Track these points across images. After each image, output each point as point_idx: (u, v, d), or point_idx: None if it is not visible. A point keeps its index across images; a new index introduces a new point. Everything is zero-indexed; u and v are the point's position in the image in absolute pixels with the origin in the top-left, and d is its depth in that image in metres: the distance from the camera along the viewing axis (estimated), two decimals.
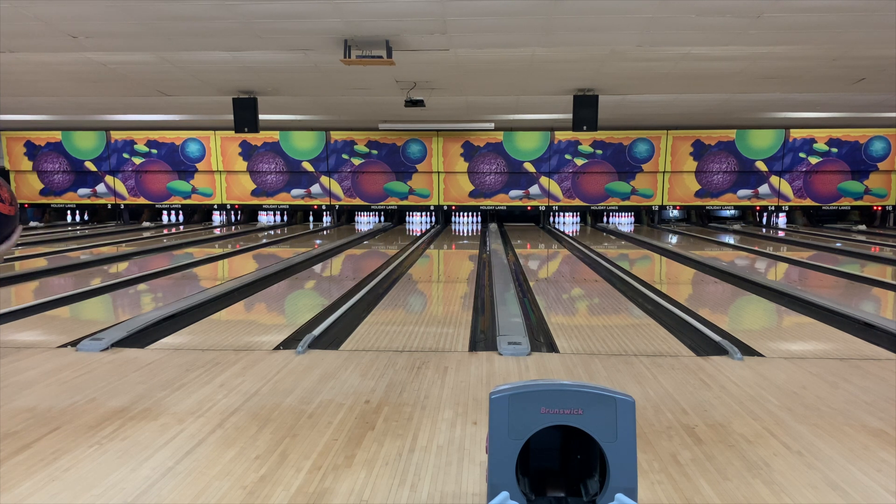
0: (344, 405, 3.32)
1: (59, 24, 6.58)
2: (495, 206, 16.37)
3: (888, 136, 15.41)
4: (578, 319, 5.53)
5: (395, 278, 7.65)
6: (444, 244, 12.31)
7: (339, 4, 5.98)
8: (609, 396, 1.90)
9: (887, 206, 15.94)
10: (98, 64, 8.42)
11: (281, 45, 7.48)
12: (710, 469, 2.60)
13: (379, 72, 8.78)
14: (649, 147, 15.77)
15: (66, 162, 16.47)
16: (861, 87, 10.01)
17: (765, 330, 5.34)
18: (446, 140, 15.97)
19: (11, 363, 4.06)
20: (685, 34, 6.97)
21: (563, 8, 6.08)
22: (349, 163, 16.23)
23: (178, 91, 10.46)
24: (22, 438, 2.88)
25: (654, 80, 9.46)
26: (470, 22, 6.51)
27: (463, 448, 2.80)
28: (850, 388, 3.61)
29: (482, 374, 3.85)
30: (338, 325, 5.17)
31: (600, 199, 16.24)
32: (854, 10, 6.16)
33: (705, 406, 3.31)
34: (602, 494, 1.87)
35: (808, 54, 7.88)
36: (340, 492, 2.41)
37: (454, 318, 5.45)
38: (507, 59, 8.15)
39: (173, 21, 6.49)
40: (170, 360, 4.12)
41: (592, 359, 4.19)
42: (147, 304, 6.32)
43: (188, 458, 2.68)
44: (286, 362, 4.10)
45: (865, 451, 2.76)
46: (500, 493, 1.86)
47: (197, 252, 10.45)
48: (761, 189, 15.97)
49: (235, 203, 16.76)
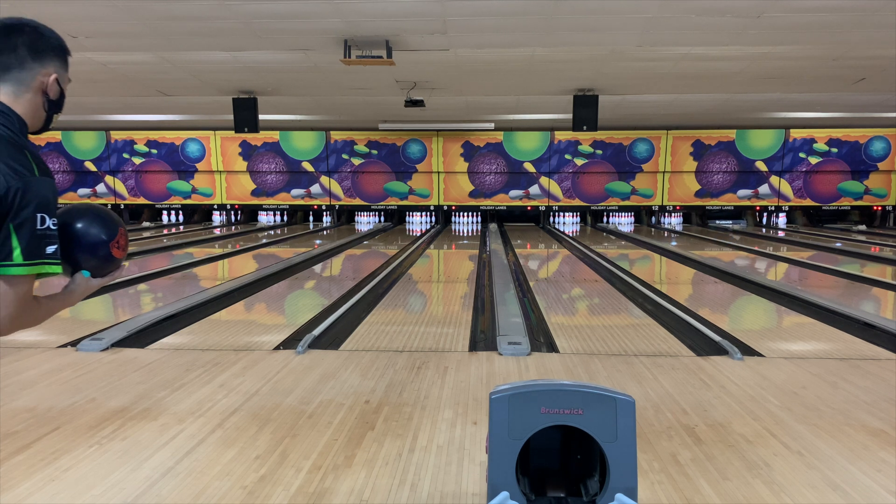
0: (344, 405, 3.32)
1: (59, 24, 6.55)
2: (495, 206, 16.37)
3: (888, 136, 15.40)
4: (578, 319, 5.53)
5: (395, 278, 7.65)
6: (444, 244, 12.31)
7: (339, 4, 5.98)
8: (609, 396, 1.90)
9: (887, 206, 15.93)
10: (98, 64, 8.43)
11: (281, 45, 7.48)
12: (710, 469, 2.60)
13: (379, 72, 8.78)
14: (649, 147, 15.77)
15: (66, 162, 16.47)
16: (861, 87, 10.00)
17: (765, 330, 5.34)
18: (446, 140, 15.97)
19: (11, 363, 4.06)
20: (685, 34, 6.97)
21: (563, 8, 6.08)
22: (349, 163, 16.23)
23: (178, 91, 10.46)
24: (22, 438, 2.88)
25: (654, 80, 9.46)
26: (470, 22, 6.51)
27: (463, 448, 2.80)
28: (850, 388, 3.61)
29: (482, 374, 3.85)
30: (338, 325, 5.17)
31: (600, 199, 16.24)
32: (854, 10, 6.16)
33: (705, 406, 3.31)
34: (602, 494, 1.87)
35: (808, 54, 7.88)
36: (340, 492, 2.41)
37: (454, 318, 5.45)
38: (507, 59, 8.15)
39: (173, 21, 6.49)
40: (170, 360, 4.12)
41: (592, 359, 4.19)
42: (147, 304, 6.32)
43: (188, 458, 2.68)
44: (286, 362, 4.10)
45: (865, 451, 2.76)
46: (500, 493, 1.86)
47: (197, 252, 10.45)
48: (761, 189, 15.96)
49: (235, 203, 16.76)
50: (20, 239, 1.32)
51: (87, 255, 1.52)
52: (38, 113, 1.50)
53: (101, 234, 1.52)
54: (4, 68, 1.43)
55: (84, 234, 1.51)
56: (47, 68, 1.49)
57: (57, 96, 1.53)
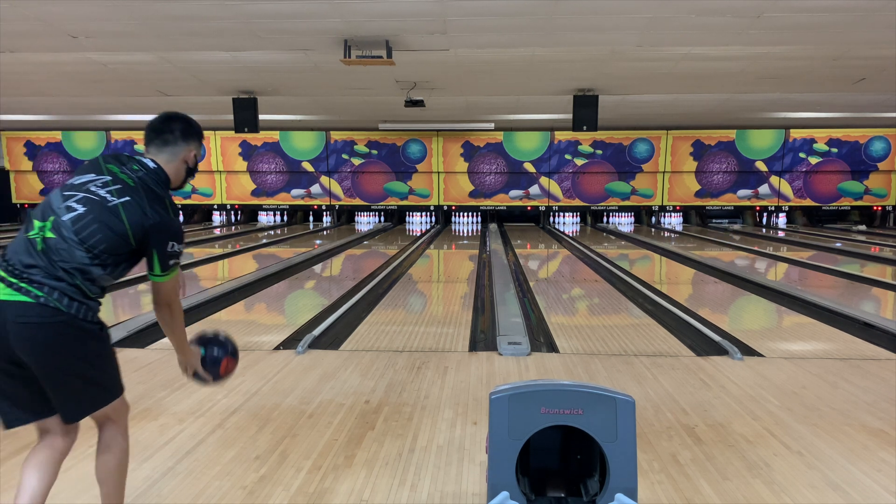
0: (344, 405, 3.32)
1: (59, 24, 6.58)
2: (495, 206, 16.37)
3: (888, 136, 15.40)
4: (578, 319, 5.53)
5: (395, 278, 7.65)
6: (444, 244, 12.31)
7: (339, 4, 5.98)
8: (609, 396, 1.90)
9: (887, 206, 15.93)
10: (98, 64, 8.43)
11: (281, 45, 7.48)
12: (710, 469, 2.60)
13: (379, 72, 8.78)
14: (649, 147, 15.77)
15: (66, 162, 16.46)
16: (861, 87, 10.00)
17: (765, 330, 5.35)
18: (446, 140, 15.97)
19: None
20: (685, 34, 6.96)
21: (563, 8, 6.08)
22: (349, 163, 16.23)
23: (178, 91, 10.45)
24: (22, 438, 2.88)
25: (654, 80, 9.46)
26: (470, 22, 6.51)
27: (463, 448, 2.80)
28: (850, 388, 3.61)
29: (482, 375, 3.85)
30: (338, 325, 5.17)
31: (600, 199, 16.24)
32: (854, 10, 6.15)
33: (705, 406, 3.31)
34: (602, 494, 1.87)
35: (808, 54, 7.88)
36: (340, 492, 2.41)
37: (454, 318, 5.45)
38: (507, 59, 8.15)
39: (173, 21, 6.49)
40: (170, 360, 4.11)
41: (592, 359, 4.19)
42: (147, 304, 6.32)
43: (188, 458, 2.68)
44: (286, 362, 4.10)
45: (865, 451, 2.76)
46: (500, 493, 1.86)
47: (197, 252, 10.45)
48: (761, 189, 15.96)
49: (235, 203, 16.76)
50: (159, 259, 1.96)
51: (212, 355, 2.24)
52: (179, 175, 2.12)
53: (222, 353, 2.26)
54: (164, 143, 2.08)
55: (218, 346, 2.27)
56: (191, 147, 2.13)
57: (193, 165, 2.16)
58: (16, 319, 1.77)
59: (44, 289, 1.79)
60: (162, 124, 2.09)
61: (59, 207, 1.87)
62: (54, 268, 1.81)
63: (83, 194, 1.89)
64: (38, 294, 1.78)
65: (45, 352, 1.79)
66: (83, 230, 1.84)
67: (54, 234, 1.84)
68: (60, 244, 1.83)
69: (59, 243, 1.83)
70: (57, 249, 1.83)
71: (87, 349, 1.87)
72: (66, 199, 1.88)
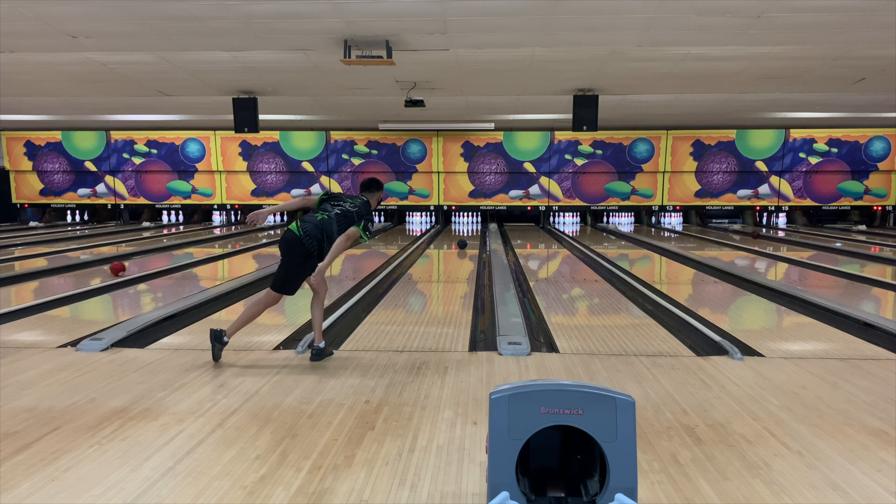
0: (344, 405, 3.32)
1: (59, 24, 6.59)
2: (495, 206, 16.37)
3: (888, 136, 15.41)
4: (578, 319, 5.53)
5: (395, 278, 7.65)
6: (444, 244, 12.31)
7: (339, 4, 5.98)
8: (609, 396, 1.90)
9: (887, 206, 15.94)
10: (98, 64, 8.43)
11: (281, 45, 7.48)
12: (710, 469, 2.60)
13: (379, 72, 8.78)
14: (649, 147, 15.78)
15: (66, 162, 16.47)
16: (861, 87, 10.01)
17: (765, 330, 5.34)
18: (446, 140, 15.98)
19: (11, 363, 4.06)
20: (685, 34, 6.97)
21: (563, 8, 6.08)
22: (349, 163, 16.23)
23: (178, 91, 10.46)
24: (22, 438, 2.88)
25: (654, 80, 9.47)
26: (470, 22, 6.51)
27: (463, 448, 2.80)
28: (850, 388, 3.61)
29: (482, 375, 3.85)
30: (338, 325, 5.17)
31: (600, 199, 16.25)
32: (854, 10, 6.16)
33: (705, 406, 3.32)
34: (602, 494, 1.87)
35: (808, 54, 7.88)
36: (340, 492, 2.41)
37: (454, 318, 5.45)
38: (507, 59, 8.16)
39: (173, 21, 6.50)
40: (170, 361, 4.12)
41: (592, 359, 4.19)
42: (147, 304, 6.32)
43: (188, 459, 2.68)
44: (286, 362, 4.10)
45: (865, 451, 2.76)
46: (500, 493, 1.86)
47: (197, 252, 10.45)
48: (761, 189, 15.97)
49: (235, 203, 16.77)
50: (365, 229, 4.21)
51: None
52: (372, 206, 4.35)
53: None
54: (368, 190, 4.42)
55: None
56: (380, 193, 4.48)
57: (378, 203, 4.47)
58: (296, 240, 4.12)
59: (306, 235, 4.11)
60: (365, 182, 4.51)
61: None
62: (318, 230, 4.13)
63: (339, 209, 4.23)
64: (302, 235, 4.10)
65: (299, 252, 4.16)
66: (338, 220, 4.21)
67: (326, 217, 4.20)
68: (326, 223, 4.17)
69: (325, 223, 4.17)
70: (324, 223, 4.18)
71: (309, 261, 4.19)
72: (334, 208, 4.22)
